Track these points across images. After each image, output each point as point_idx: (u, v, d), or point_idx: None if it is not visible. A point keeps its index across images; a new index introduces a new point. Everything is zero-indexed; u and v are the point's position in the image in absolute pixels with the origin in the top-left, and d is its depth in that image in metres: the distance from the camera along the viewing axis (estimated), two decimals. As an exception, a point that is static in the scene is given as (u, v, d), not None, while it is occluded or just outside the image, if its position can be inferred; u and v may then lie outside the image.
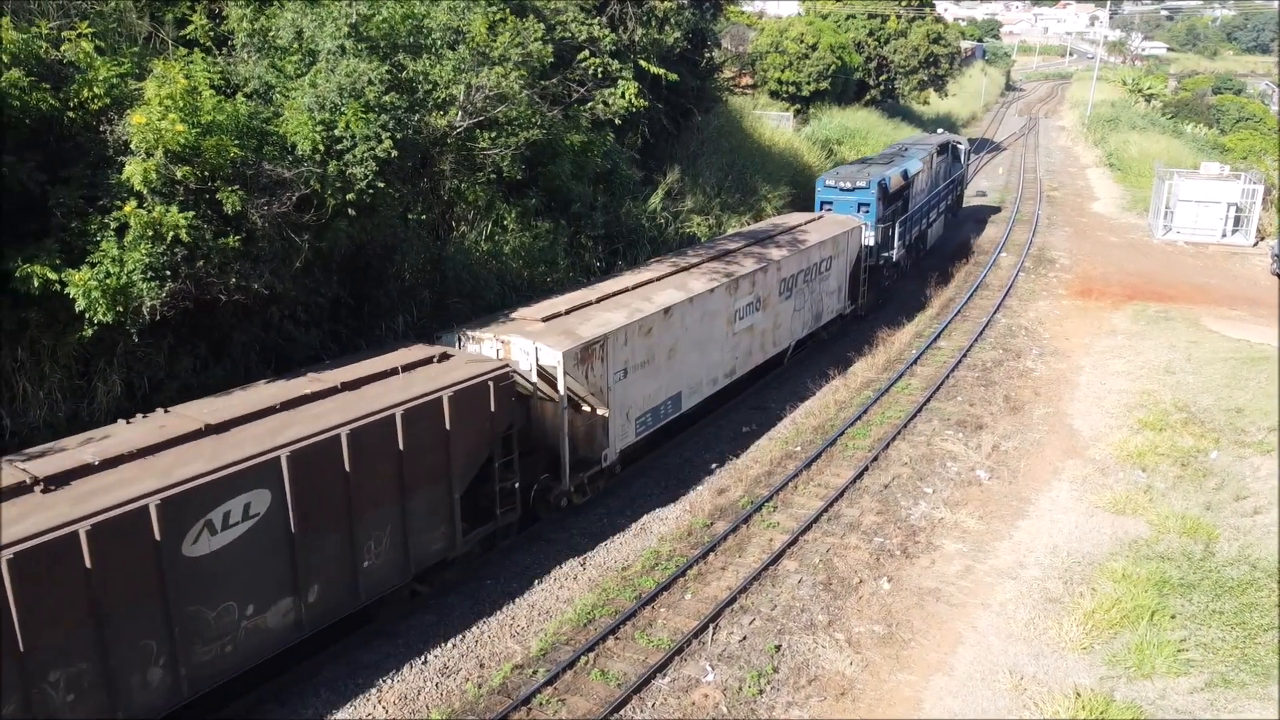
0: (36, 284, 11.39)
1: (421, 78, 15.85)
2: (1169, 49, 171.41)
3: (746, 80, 50.97)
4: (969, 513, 17.29)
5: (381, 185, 14.21)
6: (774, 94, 51.22)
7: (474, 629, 13.82)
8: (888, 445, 19.79)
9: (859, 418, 21.17)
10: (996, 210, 47.19)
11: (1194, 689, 12.45)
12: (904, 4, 61.69)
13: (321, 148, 13.62)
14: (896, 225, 29.06)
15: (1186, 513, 16.87)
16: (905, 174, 30.26)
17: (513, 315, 16.59)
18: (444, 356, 14.40)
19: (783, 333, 22.70)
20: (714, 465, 19.37)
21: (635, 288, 18.41)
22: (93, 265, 11.60)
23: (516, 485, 14.83)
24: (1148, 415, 21.16)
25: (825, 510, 17.06)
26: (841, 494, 17.67)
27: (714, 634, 13.67)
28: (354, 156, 13.89)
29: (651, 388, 17.56)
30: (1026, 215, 45.18)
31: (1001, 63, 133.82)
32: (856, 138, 49.50)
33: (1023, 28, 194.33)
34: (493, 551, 15.34)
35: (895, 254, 29.37)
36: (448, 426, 13.16)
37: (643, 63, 24.88)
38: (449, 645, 13.45)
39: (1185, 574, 14.89)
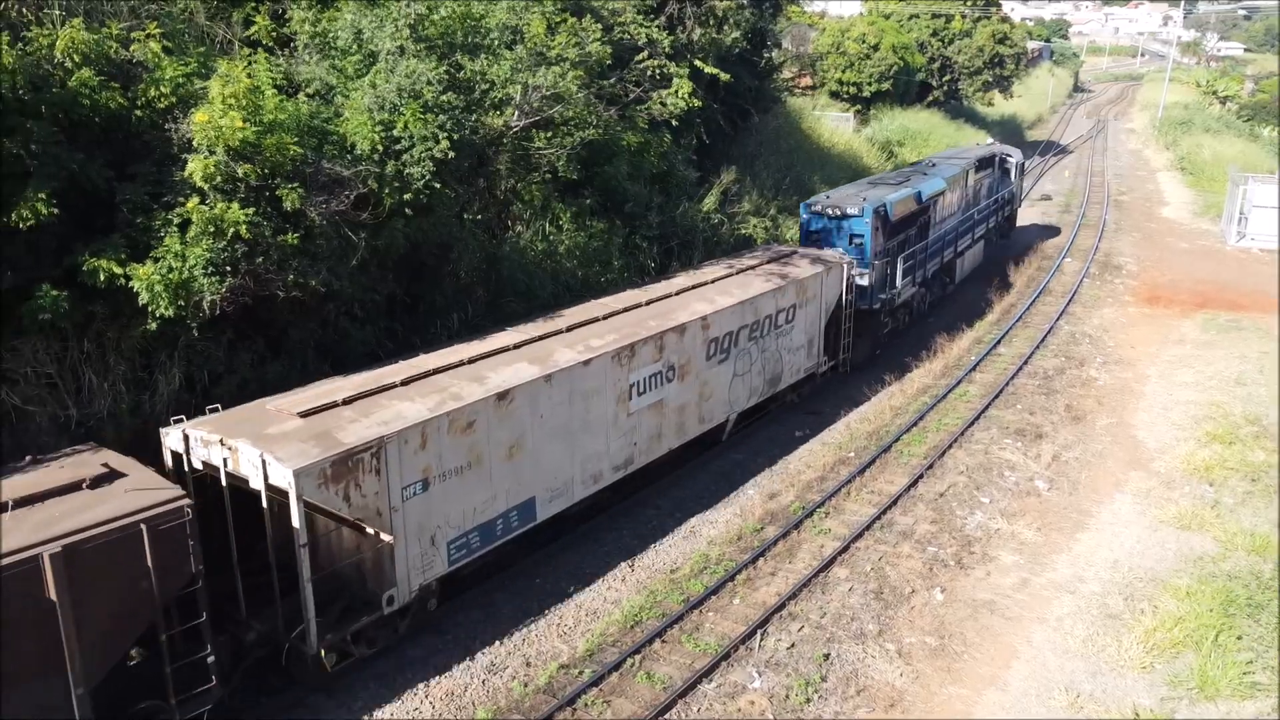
0: (103, 278, 11.69)
1: (479, 78, 15.95)
2: (1246, 49, 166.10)
3: (807, 81, 50.56)
4: (1027, 524, 16.91)
5: (438, 185, 14.33)
6: (834, 95, 50.79)
7: (521, 627, 13.86)
8: (944, 453, 19.43)
9: (914, 424, 20.84)
10: (1062, 214, 46.16)
11: (1260, 713, 12.02)
12: (969, 4, 60.74)
13: (380, 148, 13.78)
14: (901, 260, 24.48)
15: (1256, 530, 16.29)
16: (919, 197, 25.57)
17: (269, 404, 12.41)
18: (106, 478, 10.22)
19: (715, 405, 18.20)
20: (765, 469, 19.19)
21: (470, 362, 13.99)
22: (156, 260, 11.87)
23: (210, 658, 10.67)
24: (1217, 428, 20.50)
25: (878, 518, 16.80)
26: (895, 501, 17.39)
27: (762, 640, 13.53)
28: (411, 156, 14.02)
29: (479, 498, 13.36)
30: (1093, 220, 44.14)
31: (1070, 63, 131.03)
32: (918, 139, 48.89)
33: (1092, 28, 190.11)
34: None
35: (900, 295, 24.78)
36: (54, 596, 9.16)
37: (698, 62, 24.77)
38: (496, 643, 13.49)
39: (1253, 593, 14.37)
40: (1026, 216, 44.67)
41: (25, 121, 11.20)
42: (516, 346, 14.70)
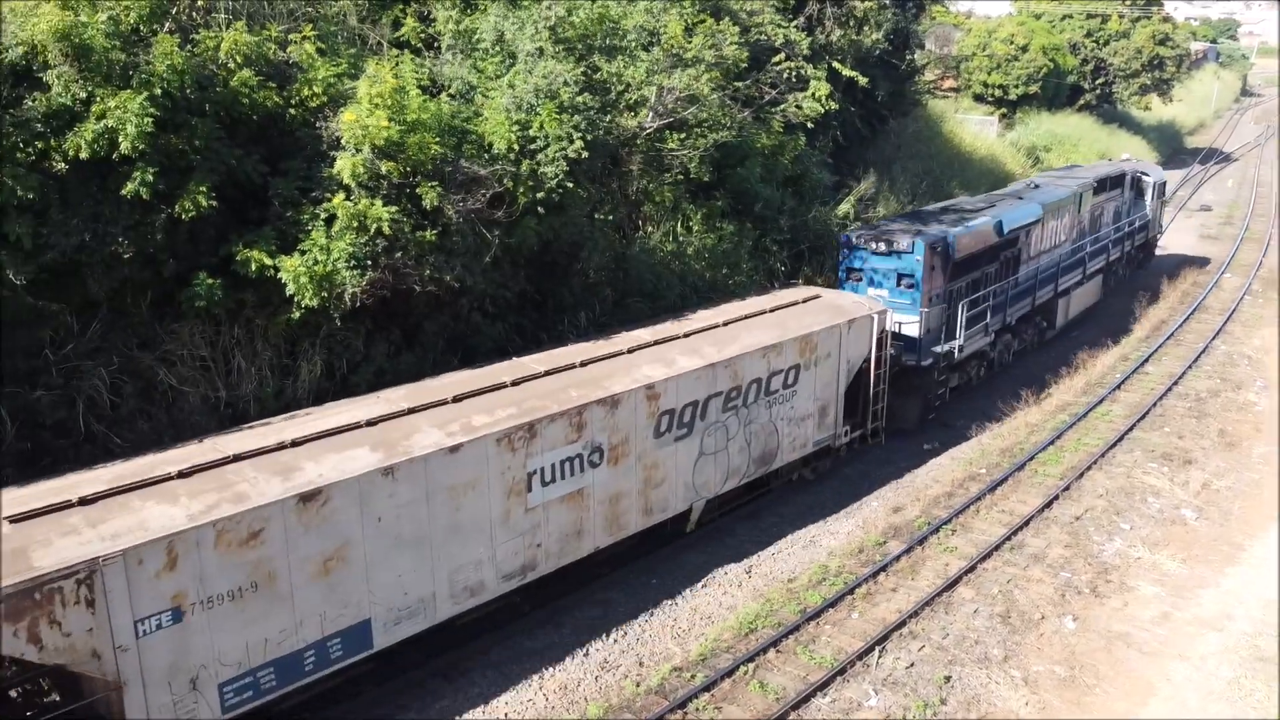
0: (254, 268, 12.34)
1: (615, 79, 16.09)
2: None
3: (949, 83, 49.16)
4: (1170, 554, 15.97)
5: (571, 185, 14.52)
6: (978, 97, 49.26)
7: (636, 626, 13.92)
8: (1082, 474, 18.54)
9: (1051, 443, 19.95)
10: (1222, 226, 43.46)
11: None
12: (1128, 3, 57.86)
13: (516, 147, 14.05)
14: (966, 306, 20.60)
15: None
16: (999, 228, 21.78)
17: None
18: None
19: (669, 492, 14.68)
20: (890, 482, 18.73)
21: (293, 445, 11.01)
22: (303, 253, 12.43)
23: None
24: (1391, 462, 18.93)
25: (1008, 539, 16.17)
26: (1027, 522, 16.70)
27: (880, 657, 13.20)
28: (546, 156, 14.24)
29: (272, 626, 10.45)
30: (1257, 233, 41.39)
31: (1237, 66, 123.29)
32: (1066, 144, 46.93)
33: (1265, 28, 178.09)
34: None
35: (963, 348, 20.76)
36: None
37: (836, 64, 24.36)
38: (610, 640, 13.60)
39: None
40: (1182, 227, 42.33)
41: (191, 119, 11.91)
42: (371, 424, 11.59)
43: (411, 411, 12.03)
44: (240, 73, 12.42)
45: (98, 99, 11.17)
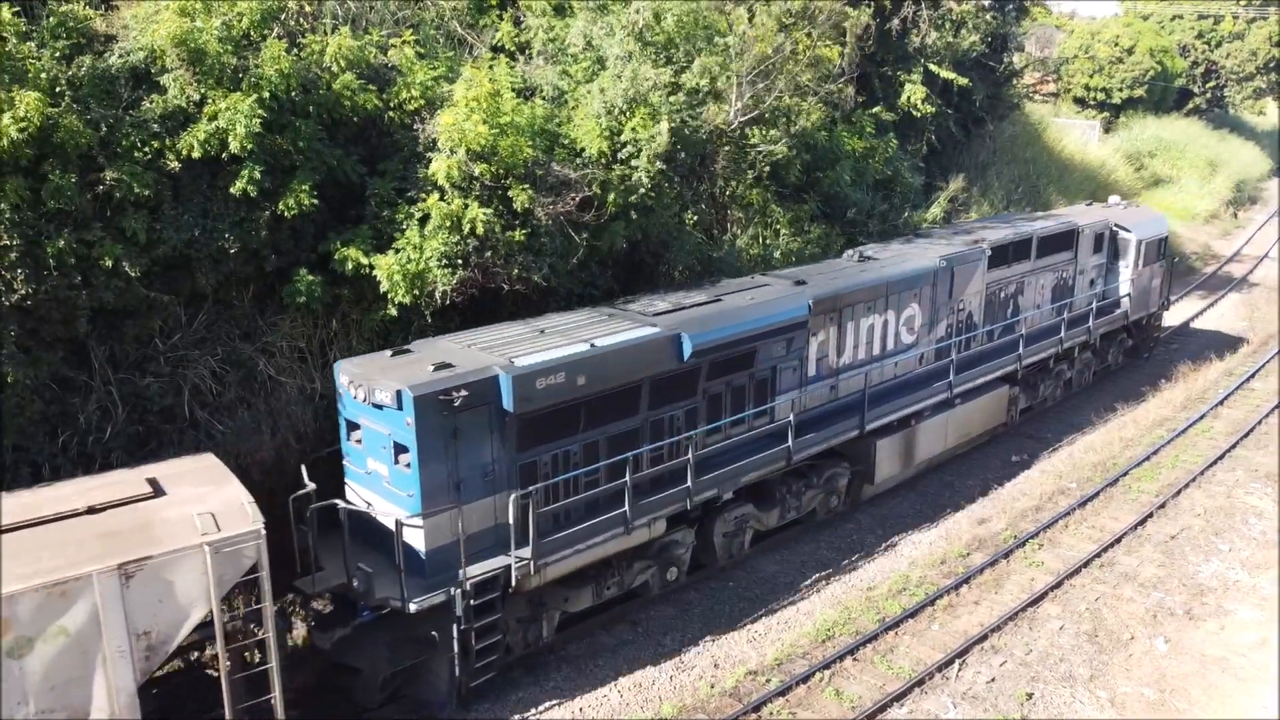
0: (350, 265, 12.79)
1: (706, 75, 16.15)
2: None
3: (1049, 86, 47.90)
4: (1272, 578, 15.32)
5: (664, 186, 14.61)
6: (1080, 101, 47.86)
7: (712, 629, 13.96)
8: (1179, 492, 17.91)
9: (1147, 458, 19.31)
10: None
11: None
12: (1244, 3, 55.51)
13: (606, 151, 14.22)
14: (536, 495, 11.71)
15: None
16: (679, 345, 13.03)
17: None
18: None
19: None
20: (977, 493, 18.38)
21: None
22: (397, 251, 12.82)
23: None
24: None
25: (1098, 555, 15.72)
26: (1119, 540, 16.21)
27: (960, 670, 13.00)
28: (638, 162, 14.38)
29: None
30: (1379, 245, 39.34)
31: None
32: (1172, 150, 45.29)
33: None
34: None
35: (537, 566, 11.72)
36: None
37: (933, 67, 23.99)
38: (686, 641, 13.66)
39: None
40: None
41: (295, 120, 12.38)
42: None
43: None
44: (343, 76, 12.87)
45: (210, 101, 11.72)
